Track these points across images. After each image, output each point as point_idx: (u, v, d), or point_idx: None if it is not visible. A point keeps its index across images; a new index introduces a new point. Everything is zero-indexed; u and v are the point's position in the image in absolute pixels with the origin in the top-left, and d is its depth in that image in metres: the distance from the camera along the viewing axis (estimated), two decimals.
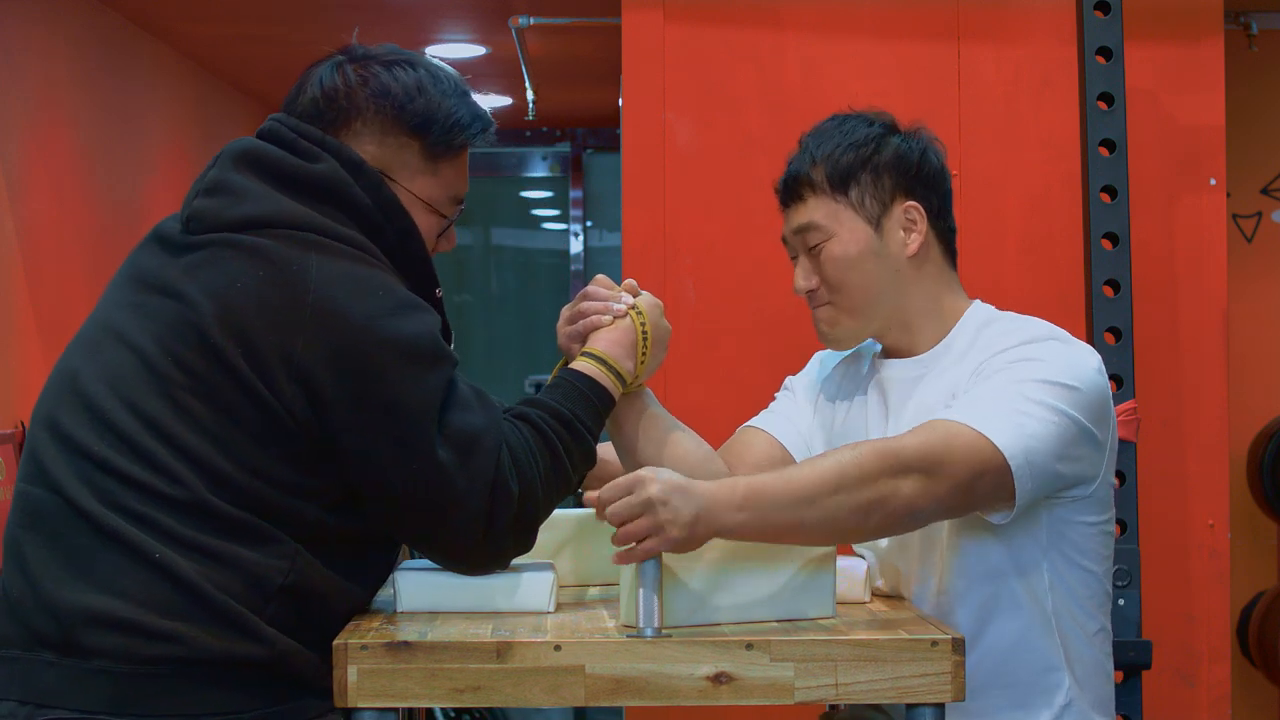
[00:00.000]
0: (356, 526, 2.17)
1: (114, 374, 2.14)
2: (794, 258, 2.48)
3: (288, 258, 2.11)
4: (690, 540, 2.04)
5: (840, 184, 2.41)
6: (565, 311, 2.41)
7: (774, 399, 2.65)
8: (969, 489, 2.21)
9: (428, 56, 2.33)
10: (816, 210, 2.42)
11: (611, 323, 2.35)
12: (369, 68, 2.27)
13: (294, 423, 2.09)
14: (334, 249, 2.13)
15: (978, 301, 2.49)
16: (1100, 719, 2.38)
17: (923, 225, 2.42)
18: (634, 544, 2.04)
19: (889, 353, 2.49)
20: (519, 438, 2.17)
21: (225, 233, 2.14)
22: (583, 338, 2.36)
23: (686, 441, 2.47)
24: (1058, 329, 2.41)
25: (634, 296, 2.39)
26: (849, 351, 2.57)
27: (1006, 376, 2.28)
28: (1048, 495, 2.30)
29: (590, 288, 2.41)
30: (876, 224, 2.41)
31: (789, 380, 2.66)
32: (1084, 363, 2.32)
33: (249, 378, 2.08)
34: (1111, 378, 3.52)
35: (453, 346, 2.29)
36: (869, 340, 2.50)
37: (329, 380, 2.08)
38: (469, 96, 2.31)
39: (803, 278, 2.45)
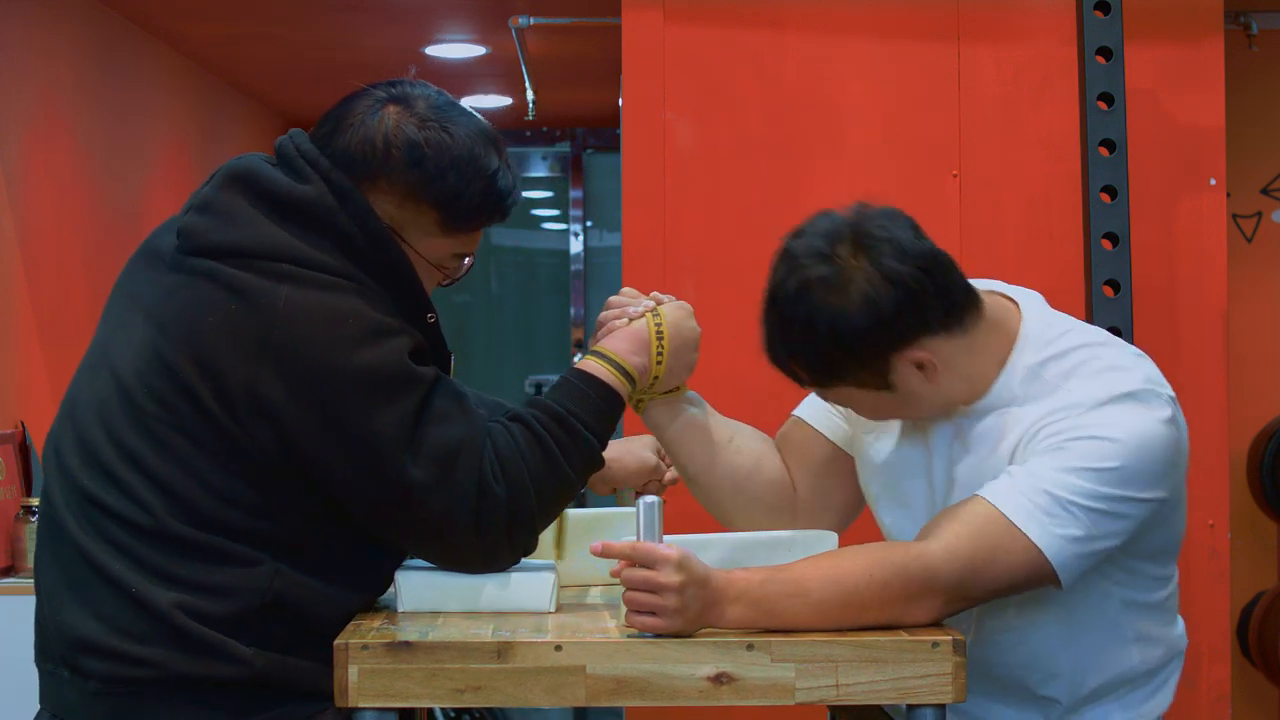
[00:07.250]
0: (338, 535, 2.18)
1: (101, 403, 2.20)
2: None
3: (258, 290, 2.12)
4: (689, 631, 2.04)
5: (832, 377, 2.21)
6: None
7: None
8: (1006, 590, 2.16)
9: (470, 111, 2.26)
10: (824, 394, 2.28)
11: (628, 324, 2.36)
12: (407, 126, 2.21)
13: (259, 453, 2.12)
14: (308, 279, 2.14)
15: (1021, 324, 2.27)
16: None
17: (935, 356, 2.18)
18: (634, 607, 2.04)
19: None
20: (507, 440, 2.18)
21: (206, 259, 2.16)
22: None
23: (726, 453, 2.46)
24: (1129, 371, 2.20)
25: (657, 303, 2.39)
26: None
27: (1056, 462, 2.13)
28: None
29: (612, 298, 2.42)
30: (887, 386, 2.20)
31: None
32: (1139, 429, 2.15)
33: (214, 410, 2.11)
34: None
35: (451, 372, 2.28)
36: None
37: (292, 415, 2.10)
38: (500, 172, 2.24)
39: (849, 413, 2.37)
